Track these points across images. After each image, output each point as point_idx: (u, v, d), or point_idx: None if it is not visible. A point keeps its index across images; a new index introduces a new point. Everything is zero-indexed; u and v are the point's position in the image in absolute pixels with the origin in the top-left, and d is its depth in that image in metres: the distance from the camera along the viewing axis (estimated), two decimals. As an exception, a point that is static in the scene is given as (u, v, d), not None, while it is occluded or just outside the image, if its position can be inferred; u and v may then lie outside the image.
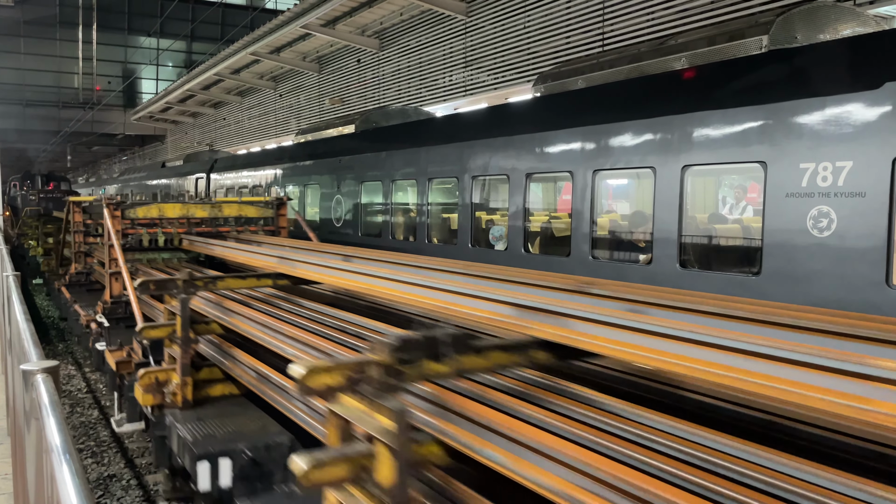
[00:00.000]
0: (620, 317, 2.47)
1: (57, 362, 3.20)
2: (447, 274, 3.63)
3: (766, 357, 1.97)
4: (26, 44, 51.19)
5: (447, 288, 3.40)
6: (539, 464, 2.14)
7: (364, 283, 4.15)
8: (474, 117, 10.82)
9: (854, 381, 1.77)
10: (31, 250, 19.74)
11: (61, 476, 2.04)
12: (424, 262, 4.15)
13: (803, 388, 1.86)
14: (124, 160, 56.26)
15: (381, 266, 4.13)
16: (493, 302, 3.05)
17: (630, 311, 2.49)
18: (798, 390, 1.87)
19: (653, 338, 2.30)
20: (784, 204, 5.89)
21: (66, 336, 14.71)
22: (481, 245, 9.96)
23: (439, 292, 3.43)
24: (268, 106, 30.57)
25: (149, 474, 7.43)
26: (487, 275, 3.40)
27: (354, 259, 4.61)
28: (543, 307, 2.76)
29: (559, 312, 2.68)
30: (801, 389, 1.86)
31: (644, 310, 2.47)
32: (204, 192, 20.93)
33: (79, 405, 9.92)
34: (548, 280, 3.11)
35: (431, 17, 19.16)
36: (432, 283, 3.53)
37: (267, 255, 5.89)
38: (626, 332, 2.41)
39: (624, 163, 7.56)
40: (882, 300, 5.24)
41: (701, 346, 2.14)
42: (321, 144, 15.03)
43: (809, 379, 1.86)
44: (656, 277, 7.04)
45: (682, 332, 2.22)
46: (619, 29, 13.81)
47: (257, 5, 51.85)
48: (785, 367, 1.92)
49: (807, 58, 6.27)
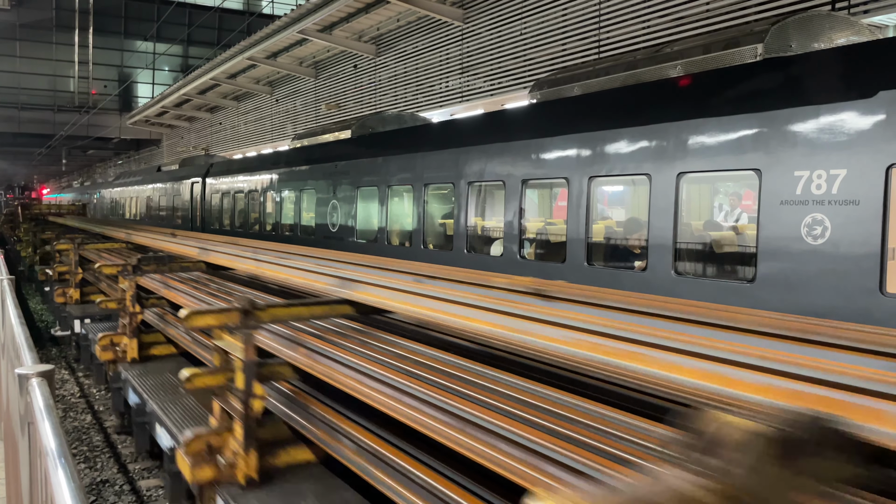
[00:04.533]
0: (407, 285, 3.41)
1: (52, 366, 3.20)
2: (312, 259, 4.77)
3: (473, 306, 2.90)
4: (22, 47, 51.13)
5: (303, 267, 4.58)
6: (344, 371, 3.07)
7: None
8: (470, 123, 10.84)
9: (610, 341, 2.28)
10: (27, 259, 19.57)
11: (56, 480, 2.03)
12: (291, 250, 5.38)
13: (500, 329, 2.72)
14: (119, 164, 56.18)
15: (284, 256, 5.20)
16: (321, 275, 4.25)
17: (416, 281, 3.42)
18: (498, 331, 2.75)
19: (430, 300, 3.22)
20: (778, 211, 5.92)
21: (59, 341, 14.66)
22: (476, 251, 9.97)
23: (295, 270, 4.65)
24: (264, 111, 30.58)
25: (142, 479, 7.40)
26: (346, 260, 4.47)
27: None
28: (357, 279, 3.84)
29: (364, 282, 3.76)
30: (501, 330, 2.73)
31: (428, 281, 3.36)
32: (199, 197, 20.91)
33: (72, 409, 9.88)
34: (394, 265, 4.10)
35: (428, 24, 19.21)
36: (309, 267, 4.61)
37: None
38: (411, 296, 3.34)
39: (619, 169, 7.58)
40: (876, 308, 5.27)
41: (447, 302, 3.08)
42: (317, 149, 15.04)
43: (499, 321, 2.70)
44: (651, 284, 7.06)
45: (451, 296, 3.11)
46: (615, 36, 13.87)
47: (254, 10, 51.96)
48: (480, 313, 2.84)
49: (801, 66, 6.31)
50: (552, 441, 2.11)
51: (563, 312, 2.50)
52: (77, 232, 14.73)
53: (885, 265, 5.26)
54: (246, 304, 3.57)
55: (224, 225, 19.04)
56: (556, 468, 2.00)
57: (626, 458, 1.95)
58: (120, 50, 54.19)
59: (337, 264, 4.27)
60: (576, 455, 2.01)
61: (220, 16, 49.53)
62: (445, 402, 2.54)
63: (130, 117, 46.12)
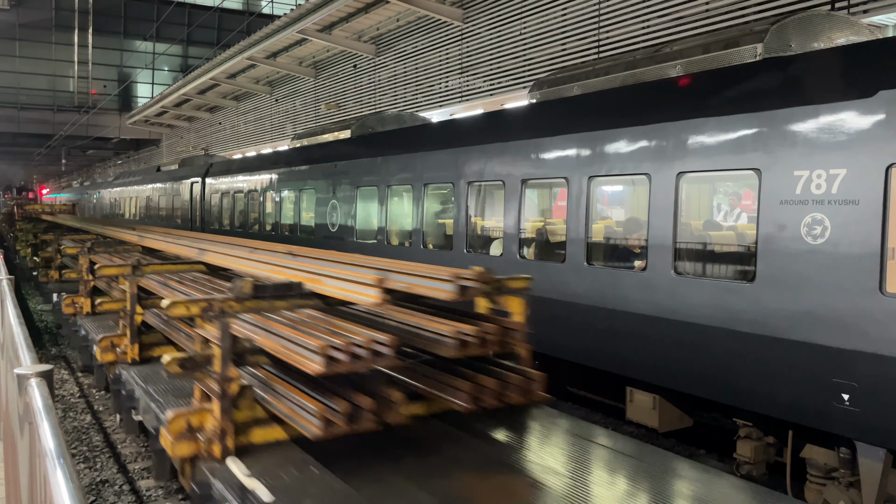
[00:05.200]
0: (278, 260, 5.20)
1: (51, 366, 3.19)
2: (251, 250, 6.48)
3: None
4: (21, 47, 51.09)
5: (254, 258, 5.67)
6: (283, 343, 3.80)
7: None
8: (470, 123, 10.83)
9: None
10: (28, 260, 19.53)
11: (55, 480, 2.03)
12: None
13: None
14: (119, 164, 56.15)
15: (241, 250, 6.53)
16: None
17: (287, 258, 5.37)
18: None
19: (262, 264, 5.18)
20: (778, 211, 5.92)
21: (58, 340, 14.65)
22: (476, 251, 9.96)
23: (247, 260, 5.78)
24: (264, 111, 30.57)
25: (141, 479, 7.39)
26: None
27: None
28: (250, 257, 5.64)
29: (245, 257, 5.66)
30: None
31: (291, 258, 5.31)
32: (199, 197, 20.90)
33: (71, 410, 9.87)
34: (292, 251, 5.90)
35: (427, 24, 19.21)
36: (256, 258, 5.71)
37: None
38: (250, 262, 5.38)
39: (619, 169, 7.58)
40: (876, 307, 5.27)
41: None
42: (317, 149, 15.03)
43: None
44: (651, 284, 7.06)
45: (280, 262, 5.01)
46: (614, 36, 13.87)
47: (254, 10, 51.93)
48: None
49: (801, 66, 6.31)
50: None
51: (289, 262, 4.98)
52: (72, 231, 14.86)
53: (885, 265, 5.26)
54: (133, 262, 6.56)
55: (224, 225, 19.03)
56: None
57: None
58: (119, 50, 54.13)
59: (267, 254, 5.99)
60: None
61: (219, 16, 49.53)
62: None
63: (130, 117, 46.10)
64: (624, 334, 7.38)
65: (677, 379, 6.89)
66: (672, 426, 7.59)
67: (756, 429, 6.75)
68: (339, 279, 4.04)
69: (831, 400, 5.53)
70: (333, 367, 3.39)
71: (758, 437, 6.75)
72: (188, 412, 4.03)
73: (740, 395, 6.32)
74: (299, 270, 4.55)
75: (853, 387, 5.39)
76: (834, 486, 5.99)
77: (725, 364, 6.36)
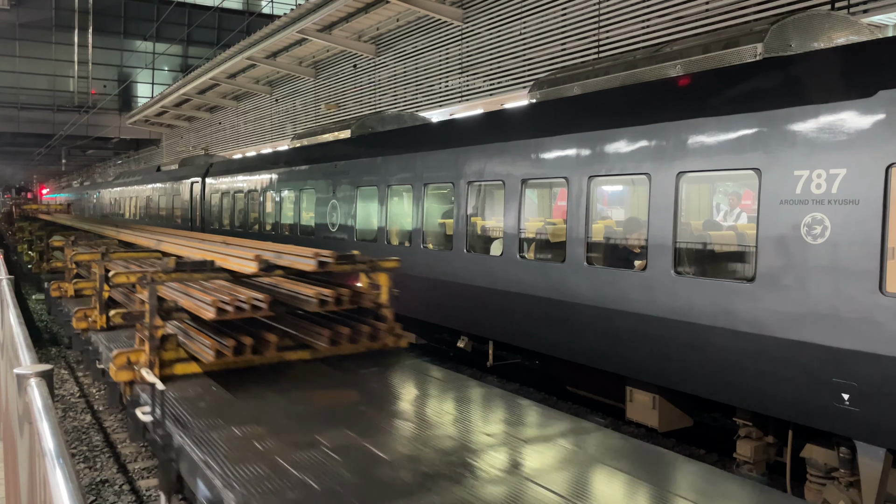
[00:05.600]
0: (216, 248, 6.61)
1: (51, 366, 3.19)
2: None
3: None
4: (21, 47, 51.04)
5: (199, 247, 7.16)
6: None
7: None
8: (470, 123, 10.83)
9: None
10: (24, 255, 19.60)
11: (55, 480, 2.02)
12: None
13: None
14: (119, 164, 56.14)
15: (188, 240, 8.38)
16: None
17: (189, 242, 7.00)
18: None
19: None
20: (778, 211, 5.92)
21: (58, 340, 14.65)
22: (476, 251, 9.96)
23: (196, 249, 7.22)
24: (264, 110, 30.56)
25: (141, 479, 7.39)
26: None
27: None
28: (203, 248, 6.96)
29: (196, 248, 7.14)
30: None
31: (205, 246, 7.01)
32: (199, 197, 20.90)
33: (71, 409, 9.87)
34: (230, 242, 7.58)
35: (427, 23, 19.20)
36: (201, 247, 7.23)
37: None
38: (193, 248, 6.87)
39: (619, 169, 7.58)
40: (876, 307, 5.27)
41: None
42: (317, 149, 15.02)
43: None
44: (651, 283, 7.06)
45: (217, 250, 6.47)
46: (614, 36, 13.87)
47: (254, 10, 51.93)
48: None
49: (801, 66, 6.30)
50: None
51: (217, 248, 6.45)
52: (65, 229, 15.22)
53: (885, 265, 5.26)
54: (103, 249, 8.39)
55: (224, 225, 19.02)
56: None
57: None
58: (119, 50, 54.08)
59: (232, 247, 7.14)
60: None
61: (219, 16, 49.50)
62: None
63: (130, 117, 46.08)
64: (624, 334, 7.38)
65: (677, 379, 6.89)
66: (672, 426, 7.59)
67: (756, 428, 6.75)
68: (236, 257, 5.73)
69: (831, 400, 5.54)
70: (223, 315, 5.18)
71: (758, 437, 6.75)
72: (128, 351, 5.67)
73: (740, 395, 6.32)
74: (217, 253, 6.20)
75: (853, 387, 5.39)
76: (834, 485, 5.99)
77: (726, 364, 6.36)
